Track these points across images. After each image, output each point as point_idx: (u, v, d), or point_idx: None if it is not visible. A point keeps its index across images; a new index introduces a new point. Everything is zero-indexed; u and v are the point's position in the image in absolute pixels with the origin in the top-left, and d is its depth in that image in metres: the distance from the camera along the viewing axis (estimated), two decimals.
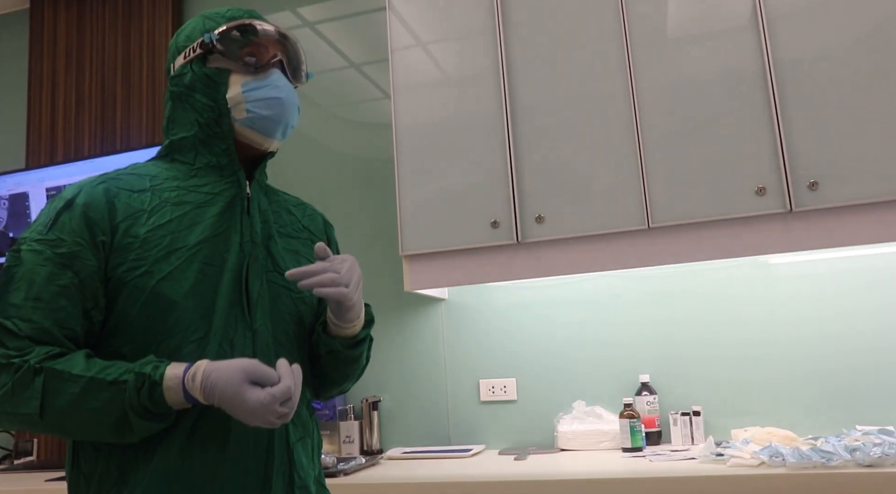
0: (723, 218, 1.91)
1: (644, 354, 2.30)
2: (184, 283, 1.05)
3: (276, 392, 0.96)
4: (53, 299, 1.01)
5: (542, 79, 2.12)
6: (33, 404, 0.96)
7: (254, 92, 1.14)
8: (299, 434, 1.13)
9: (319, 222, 1.33)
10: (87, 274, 1.03)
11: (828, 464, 1.65)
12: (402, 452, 2.35)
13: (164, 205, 1.10)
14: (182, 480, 1.01)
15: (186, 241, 1.08)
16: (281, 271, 1.16)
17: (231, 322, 1.07)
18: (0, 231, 2.97)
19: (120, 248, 1.05)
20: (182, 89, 1.17)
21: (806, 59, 1.89)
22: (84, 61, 3.08)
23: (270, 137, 1.17)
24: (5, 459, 2.83)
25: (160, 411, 0.98)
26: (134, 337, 1.04)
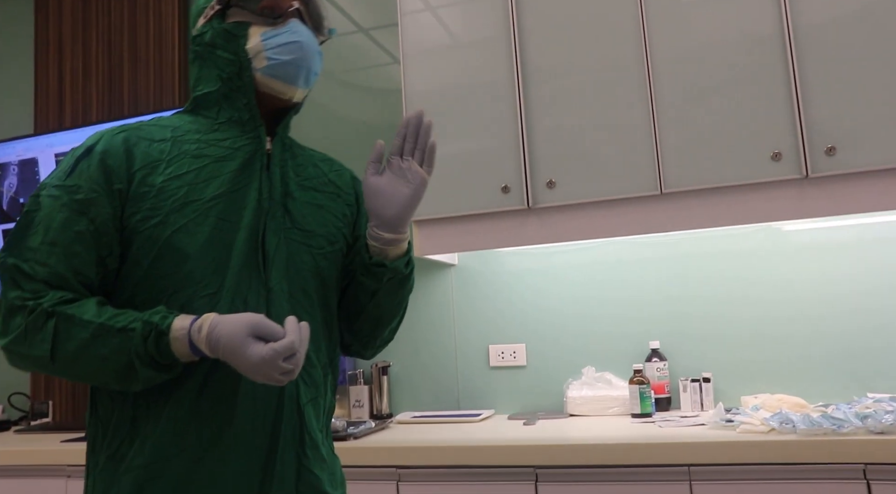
0: (737, 184, 1.89)
1: (654, 320, 2.29)
2: (198, 236, 1.05)
3: (278, 347, 0.94)
4: (69, 244, 1.01)
5: (554, 43, 2.08)
6: (45, 347, 0.98)
7: (273, 39, 1.12)
8: (311, 394, 1.11)
9: (347, 178, 1.30)
10: (102, 221, 1.03)
11: (838, 431, 1.65)
12: (412, 416, 2.37)
13: (183, 156, 1.09)
14: (191, 434, 1.02)
15: (203, 195, 1.07)
16: (300, 227, 1.15)
17: (245, 279, 1.07)
18: (11, 196, 2.98)
19: (136, 197, 1.05)
20: (203, 47, 1.16)
21: (826, 22, 1.84)
22: (90, 26, 3.05)
23: (293, 84, 1.15)
24: (22, 420, 2.88)
25: (166, 361, 0.98)
26: (145, 288, 1.04)
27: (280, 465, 1.06)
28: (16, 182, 2.97)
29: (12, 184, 2.98)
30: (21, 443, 2.35)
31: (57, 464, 2.17)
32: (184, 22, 2.96)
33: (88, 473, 1.09)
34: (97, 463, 1.07)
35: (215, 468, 1.03)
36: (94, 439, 1.08)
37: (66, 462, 2.16)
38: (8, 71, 3.23)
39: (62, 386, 2.87)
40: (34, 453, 2.21)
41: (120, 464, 1.03)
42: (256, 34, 1.13)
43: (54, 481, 2.17)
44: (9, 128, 3.15)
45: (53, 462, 2.17)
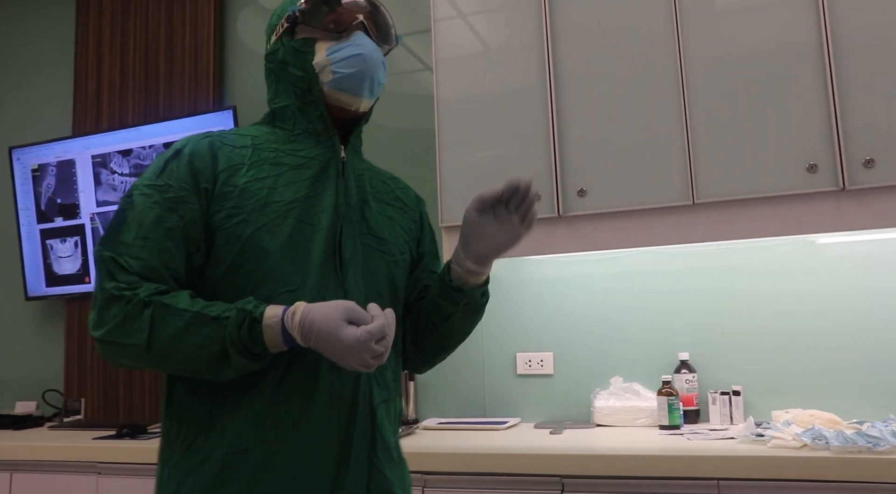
0: (771, 195, 1.86)
1: (684, 331, 2.27)
2: (279, 235, 1.09)
3: (372, 329, 0.98)
4: (161, 240, 1.06)
5: (587, 50, 2.08)
6: (142, 335, 1.01)
7: (337, 53, 1.17)
8: (383, 396, 1.15)
9: (412, 196, 1.36)
10: (190, 218, 1.08)
11: (874, 449, 1.62)
12: (438, 422, 2.37)
13: (263, 162, 1.15)
14: (268, 427, 1.05)
15: (283, 197, 1.12)
16: (375, 234, 1.20)
17: (324, 279, 1.10)
18: (49, 197, 3.04)
19: (220, 196, 1.10)
20: (276, 64, 1.22)
21: (865, 30, 1.82)
22: (128, 31, 3.11)
23: (358, 95, 1.19)
24: (55, 417, 2.94)
25: (258, 350, 1.01)
26: (228, 284, 1.08)
27: (353, 463, 1.09)
28: (53, 183, 3.03)
29: (50, 184, 3.04)
30: (54, 439, 2.40)
31: (88, 461, 2.21)
32: (219, 28, 3.00)
33: (163, 466, 1.11)
34: (171, 456, 1.09)
35: (290, 461, 1.06)
36: (168, 432, 1.11)
37: (97, 459, 2.20)
38: (49, 75, 3.30)
39: (94, 383, 2.93)
40: (66, 449, 2.25)
41: (195, 455, 1.06)
42: (322, 49, 1.18)
43: (86, 477, 2.21)
44: (48, 130, 3.22)
45: (85, 459, 2.21)
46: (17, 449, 2.30)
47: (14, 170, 3.10)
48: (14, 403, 3.07)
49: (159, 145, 2.84)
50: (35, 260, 3.06)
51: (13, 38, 3.42)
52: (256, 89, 2.90)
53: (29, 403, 3.03)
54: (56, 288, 3.02)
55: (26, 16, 3.41)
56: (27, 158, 3.09)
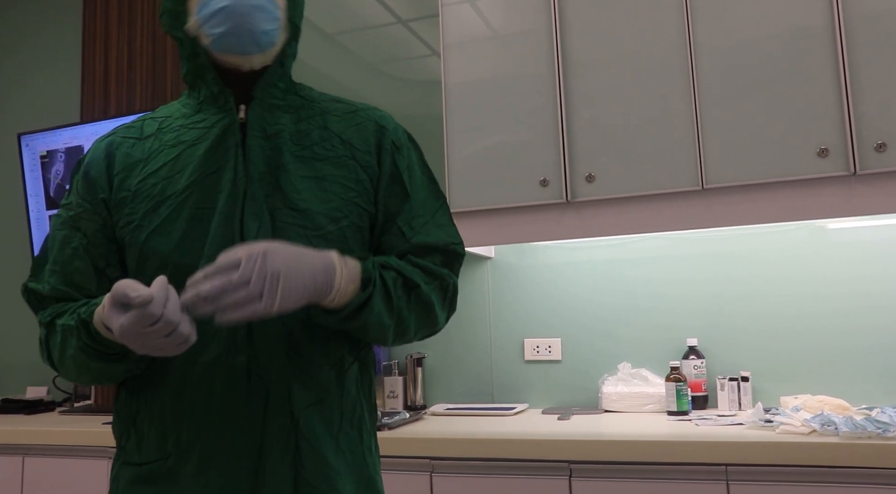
0: (782, 179, 1.85)
1: (692, 317, 2.26)
2: (173, 235, 0.98)
3: (132, 316, 0.84)
4: (67, 262, 1.03)
5: (595, 35, 2.06)
6: (45, 356, 1.05)
7: (203, 11, 1.00)
8: (312, 397, 0.99)
9: (370, 130, 1.11)
10: (92, 233, 1.03)
11: (884, 435, 1.61)
12: (446, 408, 2.37)
13: (162, 148, 1.04)
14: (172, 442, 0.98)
15: (176, 187, 1.00)
16: (293, 207, 1.01)
17: None
18: (57, 183, 3.05)
19: (117, 204, 1.03)
20: (165, 27, 1.08)
21: (878, 13, 1.79)
22: (136, 18, 3.10)
23: (244, 53, 1.02)
24: (65, 402, 2.96)
25: (112, 350, 0.94)
26: None
27: (271, 478, 0.96)
28: (62, 169, 3.04)
29: (59, 170, 3.05)
30: (64, 424, 2.42)
31: (98, 446, 2.23)
32: None
33: (114, 461, 1.07)
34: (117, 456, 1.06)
35: (196, 478, 0.96)
36: (114, 425, 1.07)
37: (107, 444, 2.21)
38: (57, 61, 3.30)
39: None
40: (77, 434, 2.27)
41: (124, 455, 1.04)
42: (193, 8, 1.02)
43: (96, 462, 2.23)
44: (57, 117, 3.22)
45: (95, 444, 2.23)
46: (28, 434, 2.33)
47: (23, 156, 3.11)
48: (25, 388, 3.09)
49: None
50: None
51: (21, 24, 3.42)
52: None
53: (40, 388, 3.05)
54: None
55: (33, 2, 3.40)
56: (36, 144, 3.09)
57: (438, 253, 1.08)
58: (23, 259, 3.19)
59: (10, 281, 3.26)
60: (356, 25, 2.80)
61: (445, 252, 1.08)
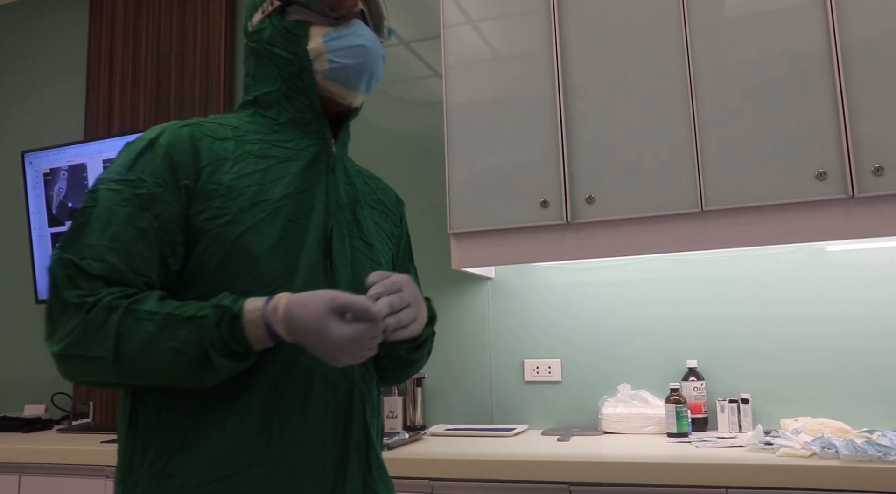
0: (780, 202, 1.86)
1: (692, 339, 2.26)
2: (267, 237, 0.98)
3: (365, 327, 0.89)
4: (131, 242, 0.93)
5: (596, 57, 2.08)
6: (107, 345, 0.88)
7: (336, 41, 1.07)
8: (371, 412, 1.07)
9: (393, 198, 1.26)
10: (167, 219, 0.96)
11: (885, 459, 1.61)
12: (445, 429, 2.37)
13: (248, 155, 1.04)
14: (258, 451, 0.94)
15: (271, 195, 1.01)
16: (365, 239, 1.11)
17: (313, 281, 1.00)
18: (60, 200, 3.06)
19: (203, 194, 0.98)
20: (261, 45, 1.10)
21: (874, 38, 1.81)
22: (140, 38, 3.14)
23: (354, 89, 1.09)
24: (63, 420, 2.95)
25: (241, 349, 0.90)
26: (211, 290, 0.95)
27: (350, 484, 1.01)
28: (65, 187, 3.06)
29: (62, 188, 3.06)
30: (62, 442, 2.40)
31: (97, 464, 2.21)
32: (230, 32, 3.02)
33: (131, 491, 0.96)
34: (136, 484, 0.95)
35: (284, 485, 0.95)
36: (131, 455, 0.97)
37: (105, 463, 2.20)
38: (61, 79, 3.33)
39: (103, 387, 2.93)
40: (75, 452, 2.26)
41: (169, 481, 0.93)
42: (318, 35, 1.07)
43: (94, 480, 2.22)
44: (60, 135, 3.24)
45: (93, 463, 2.22)
46: (26, 452, 2.31)
47: (26, 173, 3.13)
48: (23, 406, 3.08)
49: None
50: (46, 264, 3.08)
51: (26, 42, 3.45)
52: None
53: (38, 406, 3.04)
54: None
55: (39, 20, 3.44)
56: (39, 162, 3.11)
57: None
58: (24, 276, 3.20)
59: (9, 298, 3.27)
60: None
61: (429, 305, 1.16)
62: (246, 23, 1.15)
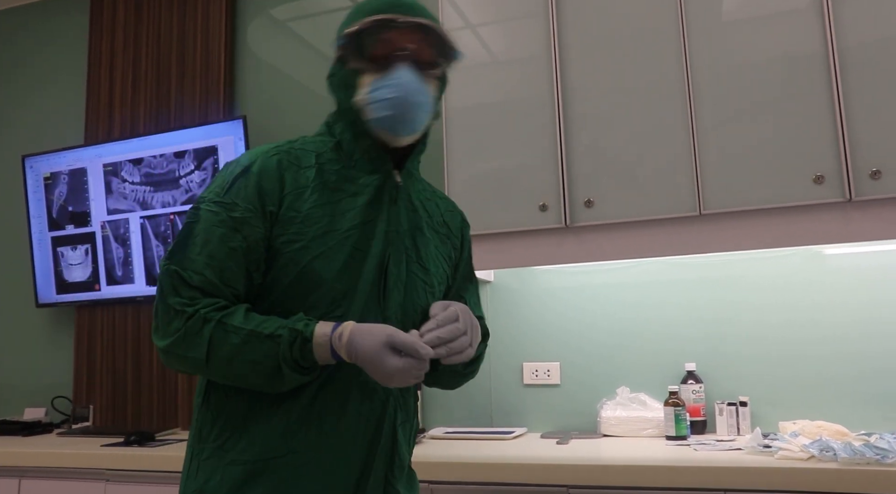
0: (778, 206, 1.87)
1: (690, 342, 2.27)
2: (334, 263, 1.12)
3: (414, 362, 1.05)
4: (224, 259, 1.10)
5: (594, 61, 2.09)
6: (201, 350, 1.07)
7: (376, 92, 1.16)
8: (403, 418, 1.20)
9: (458, 220, 1.35)
10: (254, 240, 1.11)
11: (882, 461, 1.61)
12: (445, 432, 2.37)
13: (325, 186, 1.16)
14: (299, 438, 1.10)
15: (342, 225, 1.15)
16: (422, 264, 1.22)
17: (368, 305, 1.14)
18: (60, 204, 3.07)
19: (284, 220, 1.13)
20: (332, 90, 1.23)
21: (871, 43, 1.82)
22: (141, 42, 3.14)
23: (397, 135, 1.18)
24: (63, 423, 2.95)
25: (308, 365, 1.07)
26: (282, 304, 1.12)
27: (372, 481, 1.14)
28: (65, 191, 3.06)
29: (62, 192, 3.07)
30: (62, 446, 2.41)
31: (96, 468, 2.22)
32: (230, 39, 3.03)
33: (192, 457, 1.15)
34: (202, 451, 1.13)
35: (314, 473, 1.11)
36: (201, 427, 1.15)
37: (105, 466, 2.21)
38: (62, 83, 3.34)
39: (103, 391, 2.94)
40: (75, 456, 2.26)
41: (225, 455, 1.11)
42: (366, 84, 1.17)
43: (94, 484, 2.22)
44: (60, 139, 3.25)
45: (93, 466, 2.22)
46: (26, 456, 2.32)
47: (27, 177, 3.13)
48: (23, 409, 3.09)
49: (170, 154, 2.87)
50: (46, 268, 3.09)
51: (27, 46, 3.46)
52: (267, 99, 2.93)
53: (38, 409, 3.05)
54: (66, 295, 3.05)
55: (40, 24, 3.45)
56: (40, 166, 3.12)
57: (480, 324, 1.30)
58: (24, 280, 3.21)
59: (10, 302, 3.27)
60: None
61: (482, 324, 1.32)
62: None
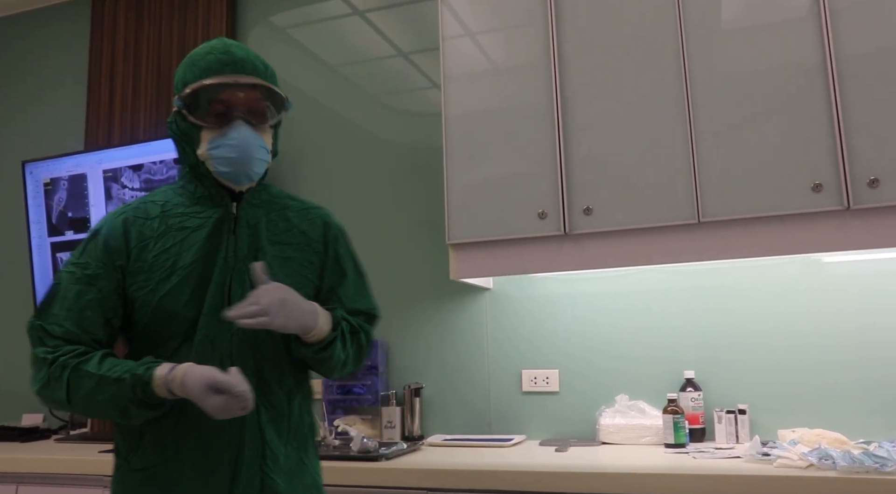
0: (776, 214, 1.87)
1: (689, 350, 2.27)
2: (182, 298, 1.32)
3: (228, 400, 1.20)
4: (81, 310, 1.30)
5: (593, 69, 2.10)
6: (62, 393, 1.26)
7: (215, 150, 1.34)
8: (271, 415, 1.35)
9: (319, 225, 1.49)
10: (107, 291, 1.32)
11: (881, 470, 1.61)
12: (443, 439, 2.37)
13: (169, 230, 1.35)
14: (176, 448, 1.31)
15: (184, 261, 1.33)
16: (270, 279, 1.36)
17: (214, 326, 1.32)
18: (60, 210, 3.07)
19: (133, 271, 1.33)
20: (174, 135, 1.39)
21: (869, 52, 1.83)
22: (141, 49, 3.15)
23: (236, 182, 1.37)
24: (61, 430, 2.95)
25: (153, 402, 1.24)
26: (144, 339, 1.34)
27: (245, 472, 1.31)
28: (65, 197, 3.07)
29: (62, 198, 3.07)
30: (60, 452, 2.40)
31: (94, 474, 2.21)
32: None
33: (115, 470, 1.38)
34: (120, 465, 1.37)
35: (193, 472, 1.30)
36: (118, 444, 1.38)
37: (102, 473, 2.20)
38: (63, 89, 3.35)
39: None
40: (73, 462, 2.26)
41: (127, 464, 1.34)
42: (206, 140, 1.35)
43: (91, 490, 2.21)
44: (61, 145, 3.25)
45: (91, 472, 2.22)
46: (23, 462, 2.31)
47: (27, 183, 3.14)
48: (21, 415, 3.08)
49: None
50: (45, 273, 3.08)
51: (28, 52, 3.47)
52: None
53: (35, 415, 3.04)
54: None
55: (41, 30, 3.46)
56: (40, 172, 3.12)
57: (363, 315, 1.50)
58: (23, 285, 3.20)
59: (8, 307, 3.27)
60: (358, 57, 2.85)
61: (368, 314, 1.51)
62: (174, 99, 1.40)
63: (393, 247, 2.67)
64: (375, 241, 2.70)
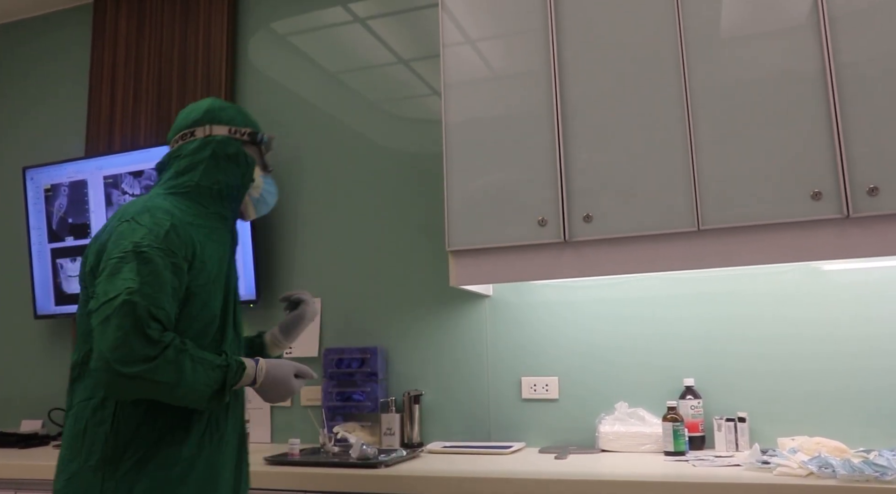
0: (776, 221, 1.87)
1: (689, 357, 2.27)
2: (218, 301, 1.51)
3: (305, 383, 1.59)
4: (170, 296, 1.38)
5: (593, 77, 2.11)
6: (171, 375, 1.30)
7: (269, 187, 1.68)
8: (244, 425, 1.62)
9: None
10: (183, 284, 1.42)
11: (882, 479, 1.61)
12: (443, 446, 2.36)
13: (207, 241, 1.50)
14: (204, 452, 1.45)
15: (221, 270, 1.53)
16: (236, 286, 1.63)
17: (229, 330, 1.54)
18: (60, 216, 3.08)
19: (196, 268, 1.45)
20: (224, 154, 1.56)
21: (868, 60, 1.84)
22: (143, 56, 3.16)
23: (255, 215, 1.68)
24: (60, 435, 2.94)
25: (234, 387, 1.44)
26: (183, 333, 1.42)
27: (244, 475, 1.58)
28: (65, 202, 3.07)
29: (62, 204, 3.08)
30: None
31: None
32: (231, 53, 3.05)
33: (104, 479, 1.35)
34: (116, 469, 1.36)
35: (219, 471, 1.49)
36: (111, 452, 1.37)
37: None
38: (63, 96, 3.35)
39: None
40: None
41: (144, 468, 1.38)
42: (258, 173, 1.64)
43: None
44: (61, 151, 3.26)
45: None
46: (22, 468, 2.31)
47: (27, 189, 3.14)
48: (20, 421, 3.08)
49: None
50: (45, 279, 3.09)
51: (29, 58, 3.48)
52: (268, 113, 2.94)
53: (35, 421, 3.04)
54: (65, 306, 3.05)
55: (42, 37, 3.47)
56: (40, 178, 3.13)
57: None
58: (23, 291, 3.20)
59: (8, 313, 3.27)
60: (358, 65, 2.86)
61: None
62: (206, 125, 1.58)
63: (393, 254, 2.68)
64: (376, 248, 2.70)
